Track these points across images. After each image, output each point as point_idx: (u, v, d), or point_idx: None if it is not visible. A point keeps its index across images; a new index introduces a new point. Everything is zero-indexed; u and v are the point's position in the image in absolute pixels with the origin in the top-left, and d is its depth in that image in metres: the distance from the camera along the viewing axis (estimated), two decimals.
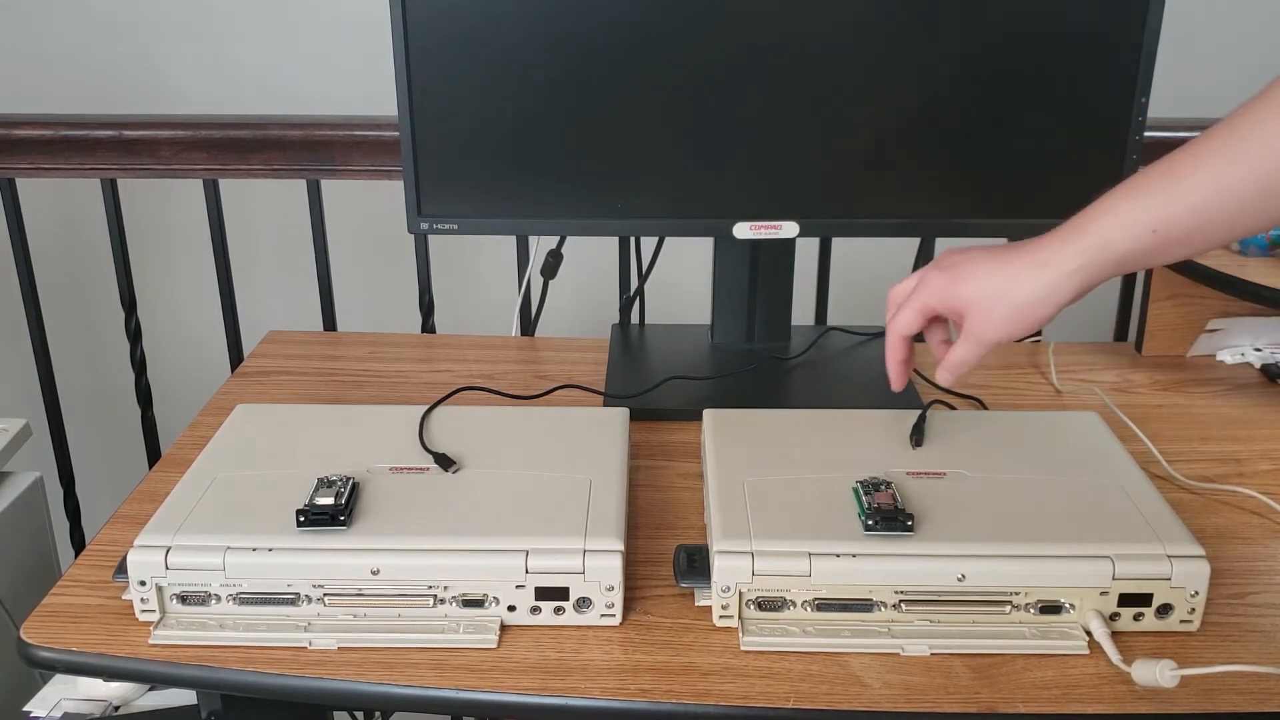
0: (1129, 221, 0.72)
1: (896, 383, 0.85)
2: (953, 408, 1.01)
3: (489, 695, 0.71)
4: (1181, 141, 1.00)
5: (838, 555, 0.74)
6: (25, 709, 0.95)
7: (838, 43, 1.00)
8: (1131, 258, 0.73)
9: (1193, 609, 0.74)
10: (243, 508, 0.79)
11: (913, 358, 0.85)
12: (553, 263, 1.24)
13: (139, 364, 1.51)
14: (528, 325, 1.38)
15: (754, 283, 1.13)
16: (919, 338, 0.85)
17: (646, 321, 1.31)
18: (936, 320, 0.83)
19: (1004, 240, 1.48)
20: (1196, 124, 1.33)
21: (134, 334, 1.49)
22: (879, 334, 1.19)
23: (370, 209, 1.80)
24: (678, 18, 0.99)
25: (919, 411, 0.90)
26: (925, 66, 1.01)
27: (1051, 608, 0.74)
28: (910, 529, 0.75)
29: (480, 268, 1.90)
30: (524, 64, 1.00)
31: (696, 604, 0.78)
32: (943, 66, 1.01)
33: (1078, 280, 0.74)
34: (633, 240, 1.30)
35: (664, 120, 1.02)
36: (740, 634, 0.74)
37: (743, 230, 1.06)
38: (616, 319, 1.32)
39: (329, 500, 0.77)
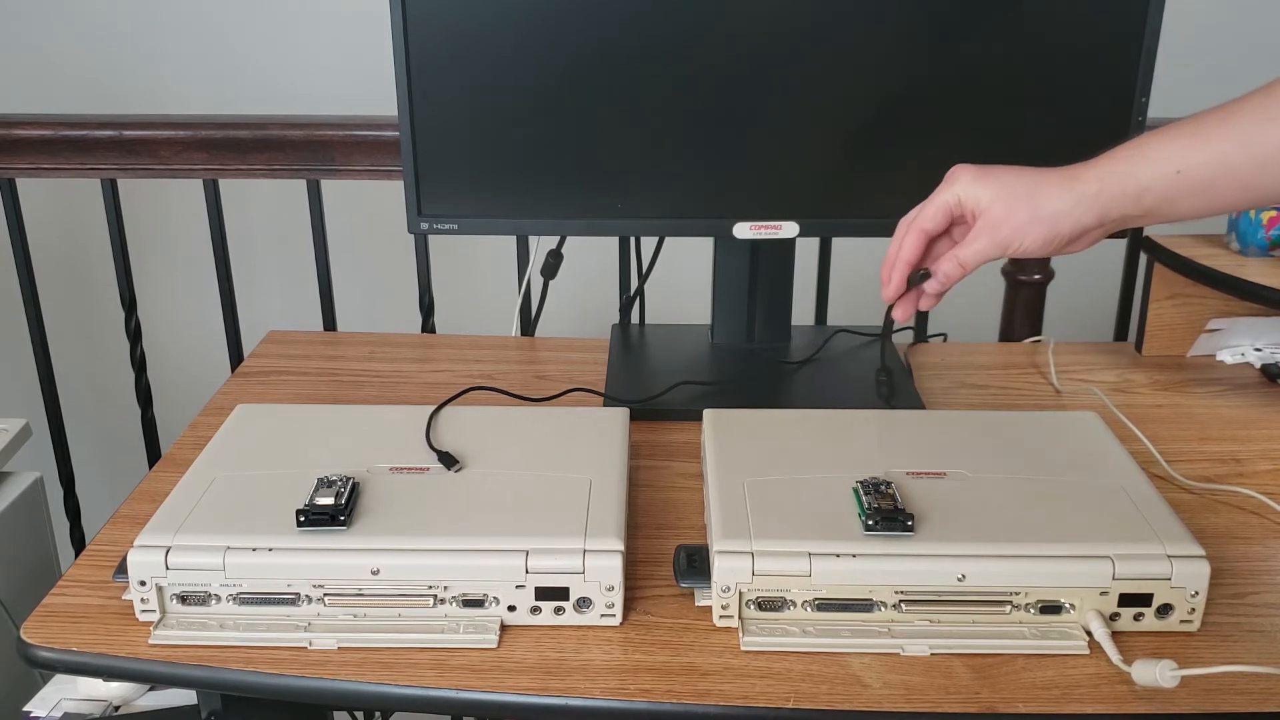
0: (1156, 159, 0.73)
1: (893, 289, 0.82)
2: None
3: (489, 695, 0.71)
4: None
5: (838, 555, 0.74)
6: (25, 709, 0.95)
7: (838, 43, 1.00)
8: (1153, 194, 0.73)
9: (1193, 609, 0.74)
10: (243, 508, 0.79)
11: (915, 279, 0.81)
12: (553, 263, 1.24)
13: (139, 364, 1.51)
14: (528, 325, 1.38)
15: (754, 283, 1.13)
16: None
17: (646, 321, 1.31)
18: (945, 236, 0.81)
19: None
20: None
21: (134, 334, 1.49)
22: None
23: (370, 209, 1.80)
24: (678, 18, 0.99)
25: (918, 410, 0.90)
26: (926, 66, 1.01)
27: (1051, 608, 0.74)
28: (910, 529, 0.75)
29: (480, 268, 1.90)
30: (524, 64, 1.00)
31: (696, 604, 0.78)
32: (943, 67, 1.01)
33: (1099, 205, 0.74)
34: (633, 240, 1.30)
35: (664, 120, 1.02)
36: (740, 634, 0.74)
37: (743, 230, 1.06)
38: (616, 319, 1.32)
39: (329, 500, 0.77)
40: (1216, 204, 0.73)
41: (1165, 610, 0.74)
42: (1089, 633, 0.74)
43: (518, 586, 0.75)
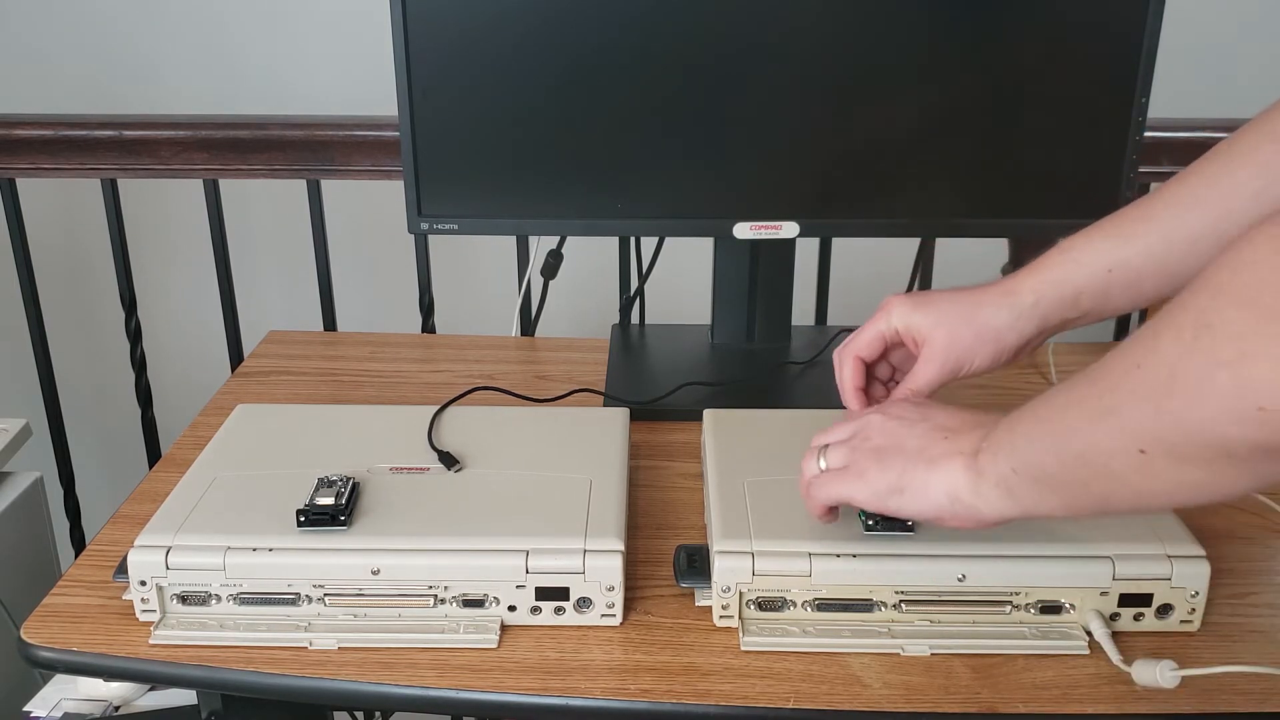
0: (1086, 261, 0.75)
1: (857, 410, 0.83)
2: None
3: (489, 695, 0.71)
4: (1181, 141, 1.01)
5: (838, 555, 0.74)
6: (25, 709, 0.95)
7: (838, 43, 1.00)
8: (1088, 296, 0.75)
9: (1193, 609, 0.74)
10: (243, 508, 0.79)
11: (866, 389, 0.83)
12: (553, 263, 1.24)
13: (139, 364, 1.51)
14: (528, 325, 1.38)
15: (754, 283, 1.13)
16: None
17: (646, 321, 1.31)
18: (883, 361, 0.83)
19: (1003, 242, 1.49)
20: (1196, 124, 1.34)
21: (134, 334, 1.49)
22: None
23: (370, 209, 1.80)
24: (678, 17, 0.99)
25: None
26: (926, 67, 1.01)
27: (1051, 608, 0.75)
28: (910, 529, 0.75)
29: (480, 268, 1.90)
30: (524, 64, 1.00)
31: (697, 604, 0.78)
32: (943, 67, 1.01)
33: (1038, 314, 0.76)
34: (633, 240, 1.30)
35: (664, 120, 1.02)
36: (740, 634, 0.74)
37: (743, 230, 1.06)
38: (616, 319, 1.32)
39: (329, 500, 0.77)
40: (1148, 295, 0.75)
41: (1165, 610, 0.74)
42: (1089, 633, 0.74)
43: (518, 586, 0.75)
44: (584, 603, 0.76)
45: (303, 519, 0.76)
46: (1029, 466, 0.61)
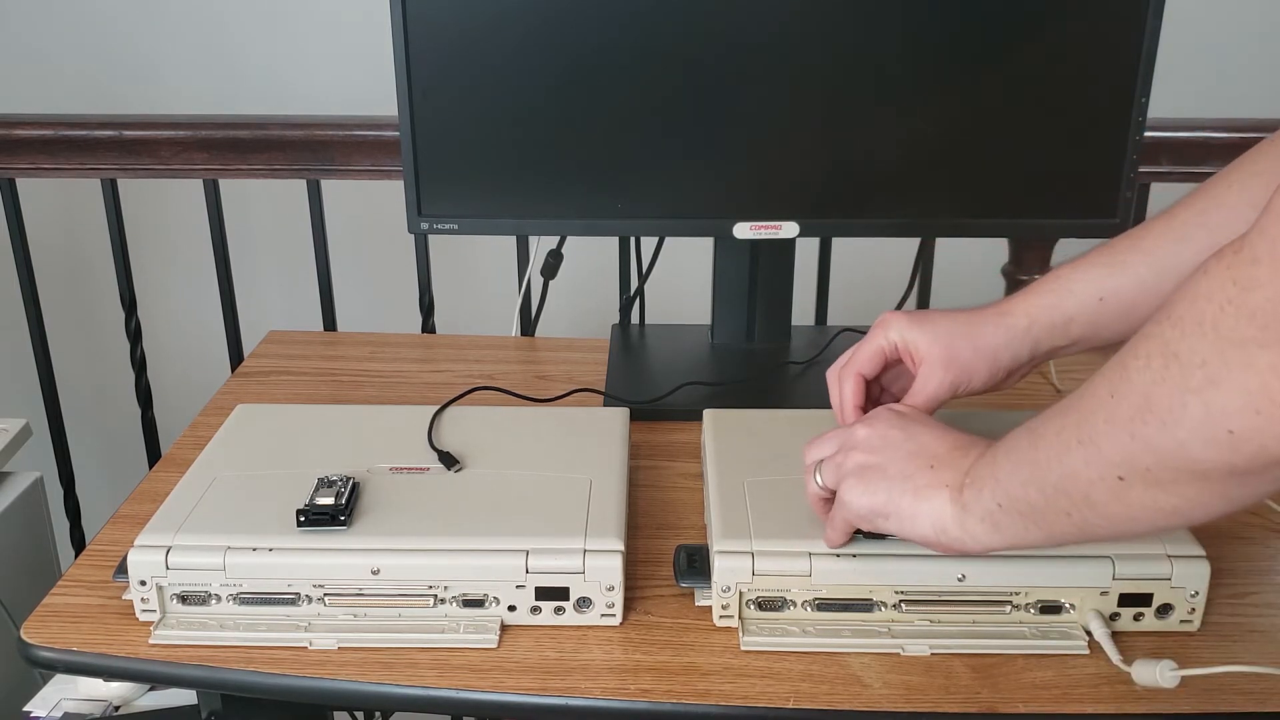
0: (1078, 290, 0.76)
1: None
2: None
3: (489, 695, 0.71)
4: (1181, 141, 1.01)
5: (838, 555, 0.74)
6: (25, 709, 0.96)
7: (838, 43, 1.00)
8: (1079, 324, 0.76)
9: (1193, 609, 0.74)
10: (243, 508, 0.79)
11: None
12: (553, 263, 1.24)
13: (139, 364, 1.51)
14: (528, 325, 1.38)
15: (754, 283, 1.13)
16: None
17: (646, 321, 1.31)
18: (874, 381, 0.83)
19: (1003, 242, 1.49)
20: (1196, 124, 1.34)
21: (134, 334, 1.49)
22: None
23: (370, 209, 1.80)
24: (677, 17, 0.99)
25: None
26: (925, 67, 1.01)
27: (1051, 608, 0.75)
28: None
29: (480, 268, 1.90)
30: (524, 64, 1.00)
31: (696, 604, 0.78)
32: (943, 67, 1.01)
33: (1031, 338, 0.77)
34: (633, 240, 1.30)
35: (664, 120, 1.02)
36: (740, 634, 0.74)
37: (743, 230, 1.06)
38: (616, 319, 1.32)
39: (329, 500, 0.77)
40: (1139, 326, 0.75)
41: (1165, 610, 0.74)
42: (1089, 633, 0.74)
43: (518, 586, 0.75)
44: (584, 603, 0.76)
45: (303, 519, 0.76)
46: (1013, 500, 0.63)
